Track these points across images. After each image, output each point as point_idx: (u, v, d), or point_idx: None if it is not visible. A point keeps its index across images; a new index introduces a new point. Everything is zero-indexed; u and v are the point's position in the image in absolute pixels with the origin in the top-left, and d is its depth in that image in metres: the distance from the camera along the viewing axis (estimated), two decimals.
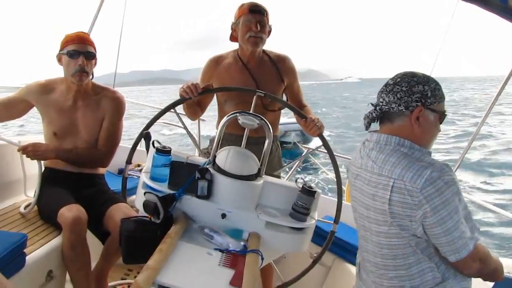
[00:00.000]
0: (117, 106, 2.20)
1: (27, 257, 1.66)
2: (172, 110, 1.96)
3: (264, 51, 2.21)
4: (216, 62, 2.20)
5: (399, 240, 1.26)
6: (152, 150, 1.66)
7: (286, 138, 13.07)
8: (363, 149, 1.38)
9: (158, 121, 2.00)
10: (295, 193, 1.68)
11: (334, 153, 1.96)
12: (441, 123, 1.32)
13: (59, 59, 2.10)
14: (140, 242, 1.46)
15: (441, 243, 1.21)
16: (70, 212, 1.81)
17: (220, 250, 1.41)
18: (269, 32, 2.14)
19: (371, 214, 1.32)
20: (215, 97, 2.22)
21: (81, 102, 2.14)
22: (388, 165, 1.24)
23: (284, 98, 2.26)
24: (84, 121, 2.14)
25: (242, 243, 1.46)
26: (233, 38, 2.19)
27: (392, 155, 1.25)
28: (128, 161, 1.93)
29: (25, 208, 2.10)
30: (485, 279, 1.33)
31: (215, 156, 1.70)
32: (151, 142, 1.68)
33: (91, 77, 2.14)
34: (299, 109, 2.04)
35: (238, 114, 1.79)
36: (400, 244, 1.27)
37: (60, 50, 2.09)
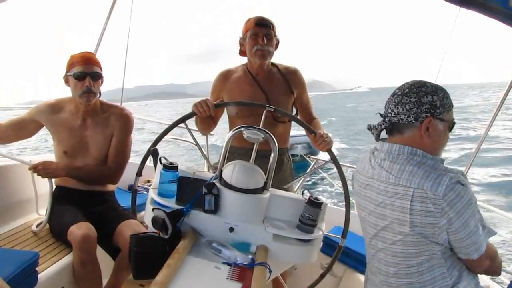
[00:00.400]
0: (125, 123, 2.24)
1: (39, 275, 1.68)
2: (181, 125, 1.98)
3: (273, 64, 2.23)
4: (225, 76, 2.23)
5: (415, 248, 1.27)
6: (159, 166, 1.68)
7: (293, 151, 13.04)
8: (373, 158, 1.38)
9: (166, 136, 2.01)
10: (301, 205, 1.69)
11: (342, 164, 1.97)
12: (450, 131, 1.33)
13: (66, 81, 2.14)
14: (149, 257, 1.48)
15: (466, 245, 1.23)
16: (80, 230, 1.83)
17: (228, 264, 1.41)
18: (277, 45, 2.17)
19: (386, 223, 1.32)
20: (225, 110, 2.25)
21: (90, 121, 2.18)
22: (405, 175, 1.24)
23: (294, 110, 2.28)
24: (94, 139, 2.18)
25: (250, 256, 1.47)
26: (241, 52, 2.22)
27: (407, 164, 1.26)
28: (138, 173, 1.95)
29: (37, 226, 2.14)
30: (488, 275, 1.37)
31: (221, 171, 1.72)
32: (158, 158, 1.71)
33: (98, 95, 2.18)
34: (309, 122, 2.04)
35: (243, 129, 1.80)
36: (417, 252, 1.27)
37: (66, 72, 2.12)
